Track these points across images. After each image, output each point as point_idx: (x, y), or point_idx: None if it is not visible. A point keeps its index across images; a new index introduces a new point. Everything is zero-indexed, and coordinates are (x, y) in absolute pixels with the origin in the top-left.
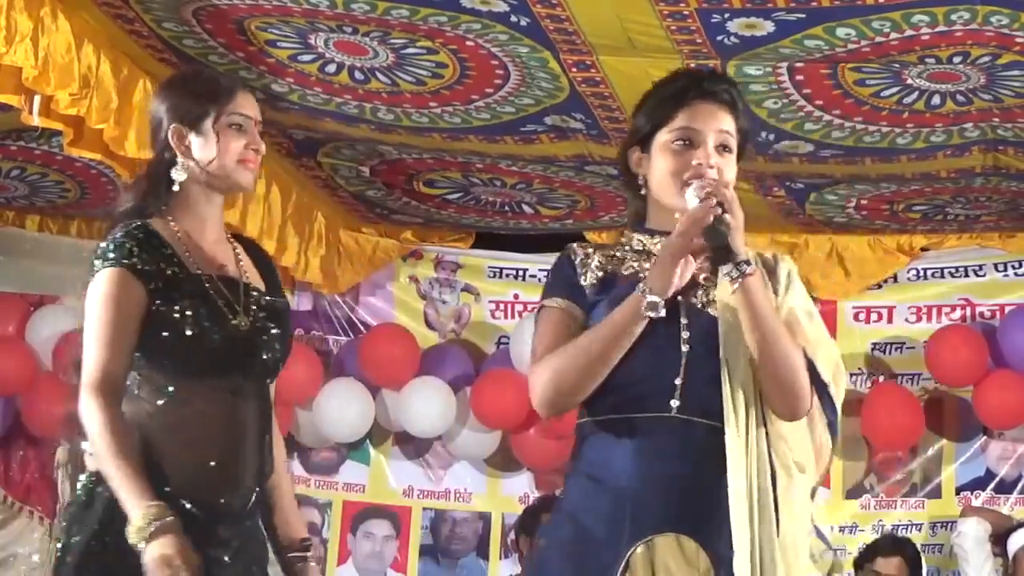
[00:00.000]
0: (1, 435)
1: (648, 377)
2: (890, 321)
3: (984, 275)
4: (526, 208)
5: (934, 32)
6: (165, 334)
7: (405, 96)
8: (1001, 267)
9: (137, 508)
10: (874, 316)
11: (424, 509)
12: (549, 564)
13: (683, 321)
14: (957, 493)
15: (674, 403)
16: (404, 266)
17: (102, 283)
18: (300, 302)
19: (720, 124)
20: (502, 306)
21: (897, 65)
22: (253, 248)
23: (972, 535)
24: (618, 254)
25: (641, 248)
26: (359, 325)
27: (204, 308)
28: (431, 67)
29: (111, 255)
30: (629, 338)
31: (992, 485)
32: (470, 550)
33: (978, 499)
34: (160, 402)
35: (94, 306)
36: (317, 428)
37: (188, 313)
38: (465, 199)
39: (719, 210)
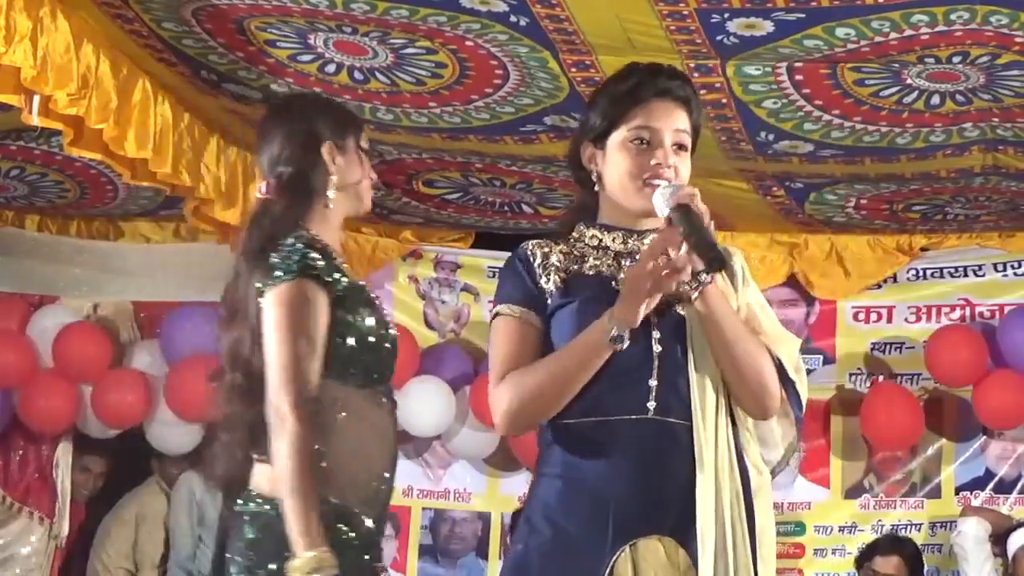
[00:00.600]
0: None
1: (623, 380)
2: (890, 321)
3: (983, 275)
4: (526, 208)
5: (933, 32)
6: (351, 342)
7: (404, 96)
8: (1001, 267)
9: (309, 549)
10: (874, 316)
11: (423, 509)
12: (530, 569)
13: (653, 320)
14: (957, 493)
15: (650, 405)
16: (403, 266)
17: (291, 294)
18: None
19: (676, 123)
20: None
21: (896, 65)
22: None
23: (972, 535)
24: (576, 251)
25: (597, 244)
26: None
27: (375, 316)
28: (430, 67)
29: (294, 265)
30: (596, 365)
31: (991, 485)
32: (469, 550)
33: (977, 499)
34: (341, 415)
35: (286, 318)
36: None
37: (368, 321)
38: (464, 199)
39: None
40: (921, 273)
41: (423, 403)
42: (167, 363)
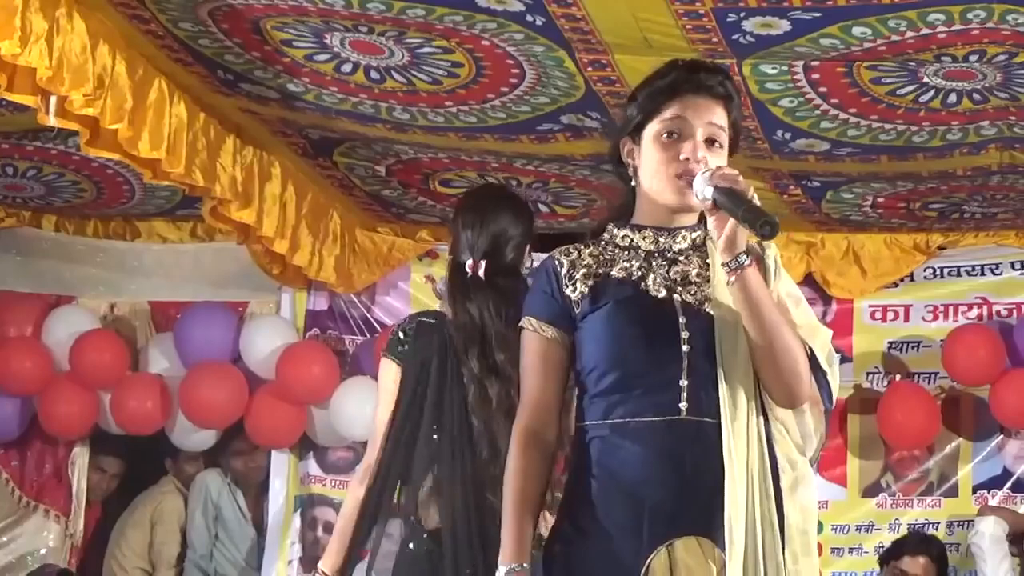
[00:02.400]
0: (17, 435)
1: (654, 381)
2: (906, 320)
3: (1001, 274)
4: (542, 207)
5: (950, 31)
6: None
7: (421, 95)
8: (1018, 265)
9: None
10: (890, 315)
11: None
12: (567, 569)
13: (681, 320)
14: (974, 492)
15: (683, 405)
16: (420, 265)
17: None
18: (316, 302)
19: (711, 117)
20: None
21: (913, 63)
22: None
23: (989, 534)
24: (606, 255)
25: (628, 244)
26: (375, 324)
27: None
28: (447, 66)
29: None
30: None
31: (1009, 484)
32: None
33: (995, 498)
34: None
35: None
36: (333, 427)
37: None
38: None
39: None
40: (938, 272)
41: None
42: (183, 364)
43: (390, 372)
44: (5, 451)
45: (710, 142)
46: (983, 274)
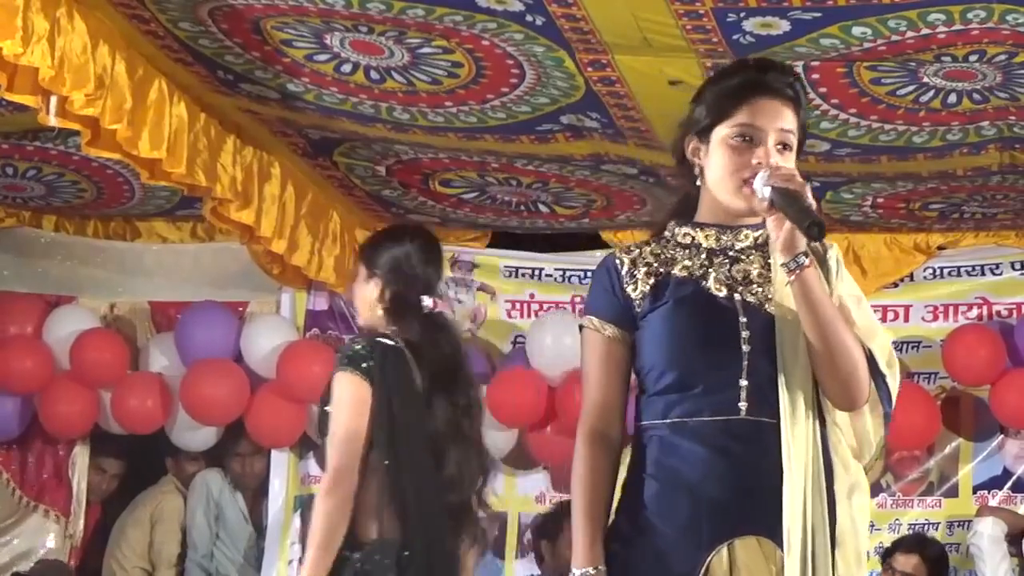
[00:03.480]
0: (18, 435)
1: (714, 380)
2: (906, 320)
3: (1001, 274)
4: (542, 207)
5: (950, 31)
6: None
7: (421, 96)
8: (1018, 265)
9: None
10: (890, 315)
11: None
12: (628, 569)
13: (742, 320)
14: (974, 492)
15: (742, 405)
16: None
17: None
18: (316, 301)
19: (782, 122)
20: (518, 305)
21: (913, 64)
22: None
23: (988, 534)
24: (667, 253)
25: (689, 242)
26: None
27: None
28: (447, 66)
29: None
30: None
31: (1009, 484)
32: (486, 549)
33: (995, 498)
34: None
35: None
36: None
37: None
38: (481, 198)
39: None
40: (938, 272)
41: None
42: (184, 363)
43: (359, 387)
44: (5, 451)
45: (781, 146)
46: (983, 274)
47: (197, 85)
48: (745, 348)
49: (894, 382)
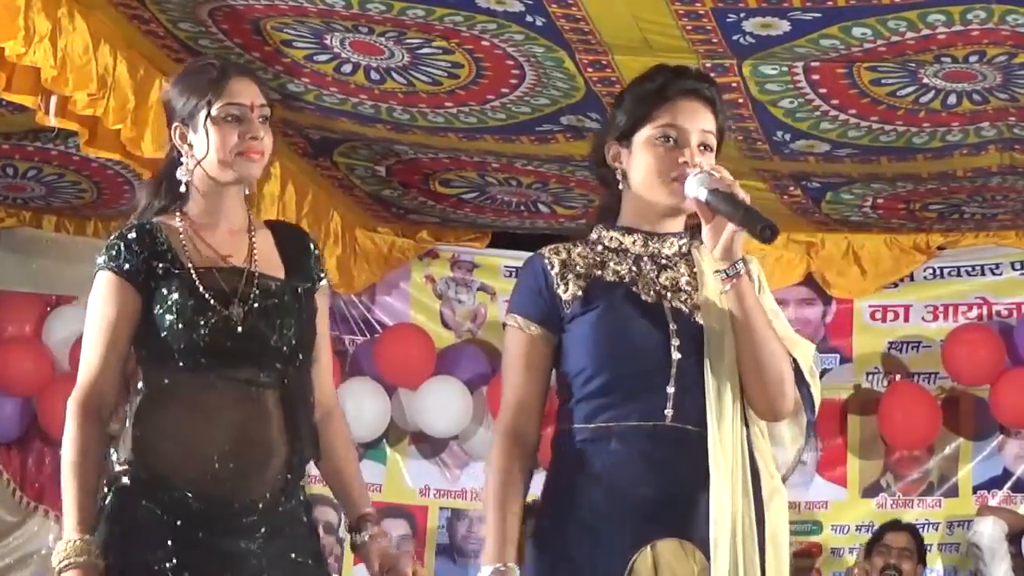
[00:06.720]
0: (18, 436)
1: (640, 386)
2: (906, 320)
3: (1001, 274)
4: (542, 208)
5: (950, 31)
6: (160, 330)
7: (421, 96)
8: (1018, 265)
9: (64, 536)
10: (890, 315)
11: (440, 508)
12: (553, 568)
13: (672, 327)
14: (974, 492)
15: (668, 412)
16: (420, 265)
17: (94, 288)
18: None
19: (703, 123)
20: None
21: (913, 64)
22: (287, 234)
23: (987, 534)
24: (596, 256)
25: (617, 246)
26: (375, 325)
27: (192, 300)
28: (447, 67)
29: (100, 259)
30: None
31: (1009, 484)
32: None
33: (995, 498)
34: (158, 396)
35: (88, 312)
36: None
37: (175, 307)
38: (481, 199)
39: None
40: (938, 272)
41: (440, 403)
42: None
43: None
44: (5, 452)
45: (703, 147)
46: (983, 274)
47: None
48: (675, 356)
49: (816, 391)
